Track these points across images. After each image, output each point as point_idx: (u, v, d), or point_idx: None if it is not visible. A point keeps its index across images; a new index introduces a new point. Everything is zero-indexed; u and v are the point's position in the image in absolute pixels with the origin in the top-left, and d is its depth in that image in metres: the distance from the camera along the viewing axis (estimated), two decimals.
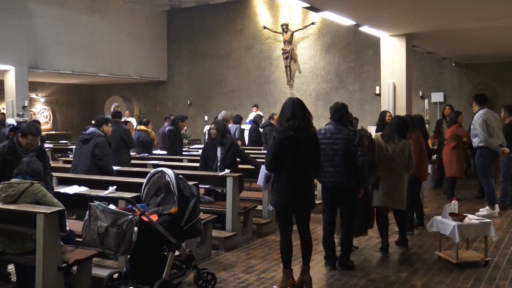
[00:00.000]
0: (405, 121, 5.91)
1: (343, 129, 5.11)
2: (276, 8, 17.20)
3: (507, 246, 6.03)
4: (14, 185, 4.40)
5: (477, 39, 10.46)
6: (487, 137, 7.49)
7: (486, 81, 14.37)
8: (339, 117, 5.18)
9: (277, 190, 4.54)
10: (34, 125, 5.09)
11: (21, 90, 14.50)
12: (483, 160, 7.70)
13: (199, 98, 18.93)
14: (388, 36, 9.79)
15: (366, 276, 5.02)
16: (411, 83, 10.18)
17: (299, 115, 4.47)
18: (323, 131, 5.14)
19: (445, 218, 5.40)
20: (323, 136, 5.09)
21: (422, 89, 15.01)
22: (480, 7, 7.60)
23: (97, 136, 6.64)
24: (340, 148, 5.03)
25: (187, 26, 19.03)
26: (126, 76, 18.12)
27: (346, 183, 5.05)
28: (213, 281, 4.64)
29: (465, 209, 7.71)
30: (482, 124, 7.52)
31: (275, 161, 4.45)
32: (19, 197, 4.37)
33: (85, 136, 6.74)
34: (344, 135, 5.07)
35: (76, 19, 16.08)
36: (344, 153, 5.02)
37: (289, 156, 4.41)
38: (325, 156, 5.03)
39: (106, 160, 6.65)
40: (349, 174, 5.04)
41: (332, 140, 5.06)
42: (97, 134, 6.68)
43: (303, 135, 4.44)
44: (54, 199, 4.47)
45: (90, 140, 6.62)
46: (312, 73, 16.71)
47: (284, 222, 4.63)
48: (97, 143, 6.57)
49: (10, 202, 4.36)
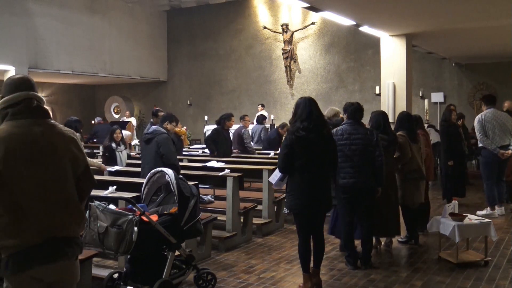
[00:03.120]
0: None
1: (360, 129, 5.10)
2: (276, 8, 17.20)
3: (507, 246, 6.03)
4: None
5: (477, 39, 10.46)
6: (483, 138, 7.49)
7: (486, 81, 14.38)
8: (354, 117, 5.18)
9: (291, 192, 4.47)
10: None
11: None
12: (483, 161, 7.72)
13: (199, 98, 18.93)
14: (388, 36, 9.79)
15: (366, 276, 5.02)
16: (411, 83, 10.18)
17: (315, 115, 4.41)
18: (340, 131, 5.11)
19: (445, 218, 5.40)
20: (341, 137, 5.06)
21: (422, 89, 15.02)
22: (480, 7, 7.60)
23: (159, 134, 6.27)
24: (358, 148, 5.01)
25: (187, 26, 19.03)
26: (126, 76, 18.12)
27: (366, 183, 5.04)
28: (213, 281, 4.64)
29: None
30: (477, 125, 7.56)
31: (287, 162, 4.40)
32: None
33: (147, 136, 6.40)
34: (362, 134, 5.06)
35: (76, 19, 16.07)
36: (363, 153, 5.00)
37: (302, 157, 4.35)
38: (344, 157, 5.00)
39: (171, 156, 6.18)
40: (369, 174, 5.02)
41: (350, 140, 5.04)
42: (159, 132, 6.30)
43: (316, 135, 4.37)
44: None
45: (153, 140, 6.26)
46: (312, 73, 16.72)
47: (302, 224, 4.55)
48: (159, 142, 6.18)
49: None
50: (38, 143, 2.37)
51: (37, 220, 2.33)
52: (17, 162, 2.31)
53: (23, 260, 2.30)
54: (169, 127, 6.48)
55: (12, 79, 2.51)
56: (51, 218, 2.36)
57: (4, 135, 2.33)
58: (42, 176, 2.36)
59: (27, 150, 2.34)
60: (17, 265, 2.30)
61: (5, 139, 2.32)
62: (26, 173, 2.33)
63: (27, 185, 2.33)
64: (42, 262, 2.33)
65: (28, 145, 2.35)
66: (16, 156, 2.32)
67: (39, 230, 2.33)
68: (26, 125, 2.38)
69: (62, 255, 2.39)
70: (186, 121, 17.81)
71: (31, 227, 2.32)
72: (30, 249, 2.31)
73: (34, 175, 2.35)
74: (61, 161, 2.42)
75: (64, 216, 2.41)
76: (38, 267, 2.32)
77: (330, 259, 5.58)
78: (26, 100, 2.42)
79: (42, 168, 2.37)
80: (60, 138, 2.46)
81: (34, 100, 2.45)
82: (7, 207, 2.30)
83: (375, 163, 5.03)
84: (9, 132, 2.34)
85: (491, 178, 7.68)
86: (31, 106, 2.43)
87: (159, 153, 6.12)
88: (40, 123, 2.42)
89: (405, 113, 6.45)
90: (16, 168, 2.31)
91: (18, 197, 2.31)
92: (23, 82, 2.50)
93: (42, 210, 2.34)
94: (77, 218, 2.47)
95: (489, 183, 7.67)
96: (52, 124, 2.47)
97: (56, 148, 2.42)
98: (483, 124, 7.53)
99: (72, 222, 2.44)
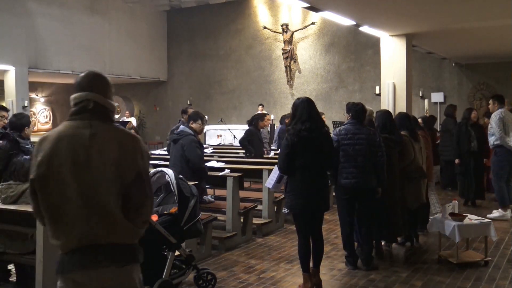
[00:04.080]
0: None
1: (363, 129, 5.09)
2: (276, 8, 17.20)
3: (507, 246, 6.04)
4: (13, 186, 4.41)
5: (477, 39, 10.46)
6: (503, 135, 7.30)
7: (486, 81, 14.38)
8: (358, 117, 5.16)
9: (291, 192, 4.48)
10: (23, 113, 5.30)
11: (21, 90, 14.48)
12: (497, 160, 7.49)
13: (199, 98, 18.93)
14: (388, 36, 9.78)
15: (366, 276, 5.02)
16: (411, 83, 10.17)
17: (314, 115, 4.44)
18: (343, 131, 5.11)
19: (445, 218, 5.40)
20: (344, 136, 5.06)
21: (422, 89, 15.01)
22: (480, 7, 7.60)
23: (185, 136, 5.98)
24: (362, 148, 5.00)
25: (187, 26, 19.03)
26: (126, 76, 18.12)
27: (368, 184, 5.03)
28: (213, 281, 4.64)
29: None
30: (498, 122, 7.33)
31: (288, 162, 4.41)
32: (19, 197, 4.37)
33: (174, 136, 6.16)
34: (365, 135, 5.05)
35: (76, 19, 16.07)
36: (366, 154, 5.00)
37: (303, 157, 4.37)
38: (347, 156, 5.00)
39: (197, 161, 5.90)
40: (371, 174, 5.02)
41: (354, 140, 5.02)
42: (185, 133, 6.00)
43: (316, 135, 4.40)
44: None
45: (179, 141, 6.00)
46: (312, 73, 16.71)
47: (302, 224, 4.56)
48: (184, 145, 5.88)
49: (10, 203, 4.36)
50: (85, 146, 2.26)
51: (75, 225, 2.27)
52: (60, 165, 2.25)
53: (65, 262, 2.30)
54: (195, 126, 6.07)
55: (78, 78, 2.44)
56: (88, 225, 2.27)
57: (53, 136, 2.30)
58: (83, 181, 2.26)
59: (72, 153, 2.25)
60: (61, 267, 2.31)
61: (53, 140, 2.28)
62: (68, 176, 2.25)
63: (67, 189, 2.25)
64: (79, 268, 2.29)
65: (74, 148, 2.26)
66: (61, 158, 2.25)
67: (77, 236, 2.28)
68: (77, 127, 2.31)
69: (101, 263, 2.30)
70: None
71: (70, 232, 2.28)
72: (70, 253, 2.30)
73: (75, 180, 2.25)
74: (106, 168, 2.27)
75: (102, 225, 2.29)
76: (76, 272, 2.29)
77: (330, 259, 5.59)
78: (85, 102, 2.36)
79: (84, 172, 2.26)
80: (111, 143, 2.31)
81: (92, 101, 2.35)
82: (47, 210, 2.28)
83: (377, 164, 5.02)
84: (58, 133, 2.31)
85: (503, 178, 7.51)
86: (87, 107, 2.35)
87: (184, 157, 5.86)
88: (93, 125, 2.31)
89: (403, 113, 6.45)
90: (58, 170, 2.25)
91: (57, 200, 2.26)
92: (84, 81, 2.42)
93: (80, 216, 2.26)
94: (117, 227, 2.31)
95: (501, 183, 7.49)
96: (107, 127, 2.35)
97: (103, 153, 2.28)
98: (504, 121, 7.33)
99: (111, 231, 2.31)
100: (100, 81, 2.45)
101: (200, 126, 6.11)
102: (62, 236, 2.28)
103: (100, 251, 2.30)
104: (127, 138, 2.37)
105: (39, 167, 2.26)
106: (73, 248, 2.29)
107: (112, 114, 2.44)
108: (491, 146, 7.57)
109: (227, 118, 17.08)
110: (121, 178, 2.29)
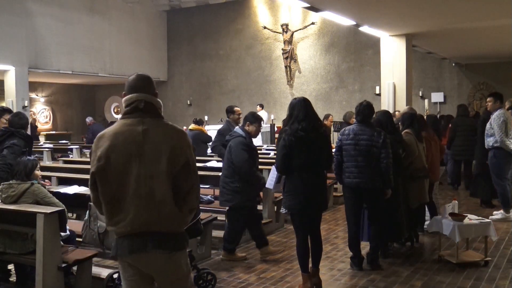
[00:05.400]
0: None
1: (367, 130, 5.05)
2: (276, 8, 17.21)
3: (507, 246, 6.03)
4: (14, 186, 4.41)
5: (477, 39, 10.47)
6: (503, 138, 7.09)
7: (486, 81, 14.39)
8: (363, 118, 5.13)
9: (289, 192, 4.47)
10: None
11: (21, 90, 14.49)
12: (496, 161, 7.29)
13: (199, 98, 18.94)
14: (388, 36, 9.79)
15: (366, 276, 5.02)
16: (411, 83, 10.19)
17: (311, 115, 4.43)
18: (347, 131, 5.11)
19: (445, 218, 5.40)
20: (347, 136, 5.06)
21: (422, 89, 15.03)
22: (480, 7, 7.60)
23: (234, 137, 5.47)
24: (362, 149, 4.98)
25: (187, 26, 19.03)
26: (126, 76, 17.87)
27: (370, 184, 4.99)
28: (213, 281, 4.64)
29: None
30: (501, 124, 7.10)
31: (285, 162, 4.40)
32: (19, 197, 4.37)
33: (227, 137, 5.68)
34: (367, 135, 5.01)
35: (76, 19, 16.08)
36: (367, 154, 4.97)
37: (301, 157, 4.36)
38: (348, 156, 5.01)
39: (240, 165, 5.32)
40: (373, 175, 4.98)
41: (355, 140, 5.02)
42: (235, 134, 5.50)
43: (313, 135, 4.39)
44: (54, 199, 4.48)
45: (229, 142, 5.52)
46: (312, 73, 16.72)
47: (299, 224, 4.55)
48: (232, 146, 5.42)
49: (10, 202, 4.36)
50: (139, 140, 2.54)
51: (129, 213, 2.52)
52: (118, 158, 2.52)
53: (119, 247, 2.57)
54: (250, 129, 5.51)
55: (129, 80, 2.74)
56: (142, 213, 2.52)
57: (111, 133, 2.58)
58: (138, 173, 2.52)
59: (128, 147, 2.53)
60: (116, 250, 2.59)
61: (111, 136, 2.56)
62: (125, 168, 2.52)
63: (124, 180, 2.52)
64: (129, 252, 2.54)
65: (129, 142, 2.54)
66: (118, 152, 2.53)
67: (130, 223, 2.52)
68: (130, 124, 2.58)
69: (150, 248, 2.53)
70: (186, 121, 17.78)
71: (124, 219, 2.53)
72: (124, 238, 2.56)
73: (132, 171, 2.52)
74: (159, 159, 2.54)
75: (154, 213, 2.53)
76: (130, 256, 2.55)
77: (330, 259, 5.58)
78: (136, 102, 2.62)
79: (139, 164, 2.52)
80: (162, 136, 2.59)
81: (143, 101, 2.62)
82: (105, 199, 2.56)
83: (380, 165, 4.98)
84: (115, 130, 2.59)
85: (504, 178, 7.35)
86: (139, 107, 2.61)
87: (231, 160, 5.42)
88: (144, 122, 2.58)
89: (410, 111, 6.41)
90: (116, 163, 2.52)
91: (115, 190, 2.53)
92: (136, 83, 2.70)
93: (134, 205, 2.52)
94: (168, 216, 2.56)
95: (503, 183, 7.32)
96: (158, 123, 2.62)
97: (155, 146, 2.55)
98: (506, 121, 7.12)
99: (162, 219, 2.55)
100: (147, 82, 2.72)
101: (257, 129, 5.58)
102: (117, 222, 2.55)
103: (149, 237, 2.53)
104: (175, 131, 2.65)
105: (98, 161, 2.53)
106: (126, 234, 2.55)
107: (160, 110, 2.71)
108: (489, 147, 7.36)
109: None
110: (172, 168, 2.56)
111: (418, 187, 5.81)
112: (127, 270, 2.62)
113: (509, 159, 7.28)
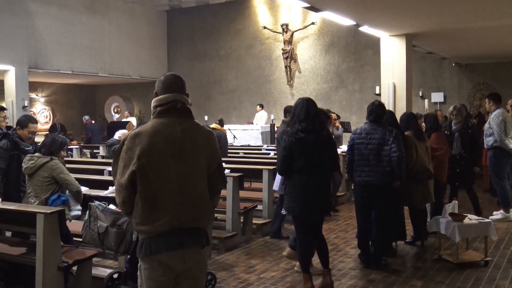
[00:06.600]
0: None
1: (379, 129, 5.08)
2: (276, 8, 17.20)
3: (507, 246, 6.03)
4: (35, 158, 4.51)
5: (477, 39, 10.47)
6: (503, 137, 7.10)
7: (486, 81, 14.39)
8: (375, 118, 5.15)
9: (289, 194, 4.45)
10: (28, 115, 5.24)
11: (21, 90, 14.48)
12: (496, 161, 7.29)
13: (199, 98, 18.93)
14: (388, 36, 9.79)
15: (366, 276, 5.02)
16: (411, 83, 10.18)
17: (312, 116, 4.38)
18: (358, 130, 5.17)
19: (445, 218, 5.40)
20: (358, 136, 5.11)
21: (422, 89, 15.02)
22: (480, 7, 7.60)
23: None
24: (374, 148, 5.02)
25: (187, 26, 19.03)
26: (126, 76, 18.12)
27: (380, 182, 5.02)
28: (213, 281, 4.65)
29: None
30: (500, 124, 7.11)
31: (286, 164, 4.38)
32: (37, 170, 4.47)
33: None
34: (379, 135, 5.04)
35: (76, 19, 16.07)
36: (378, 153, 5.00)
37: (301, 159, 4.32)
38: (360, 155, 5.05)
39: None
40: (384, 173, 5.00)
41: (367, 140, 5.05)
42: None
43: (315, 136, 4.34)
44: (70, 177, 4.55)
45: None
46: (312, 73, 16.72)
47: (301, 226, 4.53)
48: None
49: (29, 174, 4.49)
50: (179, 140, 2.58)
51: (168, 211, 2.54)
52: (158, 156, 2.54)
53: (153, 245, 2.55)
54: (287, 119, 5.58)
55: (165, 79, 2.73)
56: (182, 210, 2.56)
57: (150, 130, 2.57)
58: (179, 171, 2.56)
59: (168, 145, 2.56)
60: (148, 249, 2.56)
61: (150, 134, 2.56)
62: (165, 167, 2.55)
63: (164, 178, 2.54)
64: (168, 249, 2.55)
65: (169, 141, 2.56)
66: (158, 150, 2.54)
67: (169, 221, 2.54)
68: (169, 123, 2.60)
69: (187, 244, 2.58)
70: None
71: (163, 217, 2.53)
72: (160, 236, 2.55)
73: (172, 170, 2.55)
74: (198, 159, 2.62)
75: (194, 210, 2.59)
76: (165, 253, 2.55)
77: (330, 259, 5.56)
78: (173, 102, 2.64)
79: (179, 163, 2.56)
80: (199, 137, 2.66)
81: (180, 102, 2.66)
82: (144, 197, 2.55)
83: (391, 158, 4.96)
84: (154, 128, 2.58)
85: (504, 178, 7.33)
86: (176, 107, 2.64)
87: None
88: (182, 122, 2.62)
89: (408, 113, 6.40)
90: (157, 161, 2.54)
91: (155, 188, 2.54)
92: (173, 83, 2.71)
93: (174, 203, 2.55)
94: (205, 213, 2.66)
95: (503, 183, 7.32)
96: (193, 124, 2.69)
97: (194, 146, 2.62)
98: (505, 121, 7.12)
99: (200, 216, 2.63)
100: (182, 82, 2.76)
101: None
102: (154, 221, 2.54)
103: (185, 234, 2.57)
104: (209, 133, 2.75)
105: (139, 159, 2.52)
106: (161, 232, 2.54)
107: (191, 113, 2.75)
108: (488, 147, 7.35)
109: (227, 118, 17.07)
110: (208, 168, 2.66)
111: (422, 188, 5.79)
112: (157, 269, 2.59)
113: (508, 158, 7.27)
